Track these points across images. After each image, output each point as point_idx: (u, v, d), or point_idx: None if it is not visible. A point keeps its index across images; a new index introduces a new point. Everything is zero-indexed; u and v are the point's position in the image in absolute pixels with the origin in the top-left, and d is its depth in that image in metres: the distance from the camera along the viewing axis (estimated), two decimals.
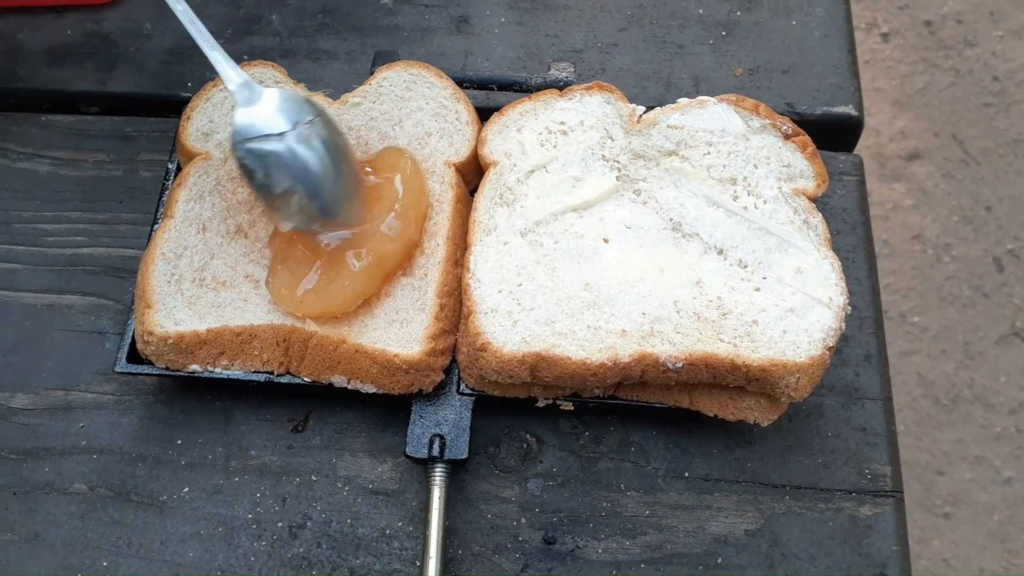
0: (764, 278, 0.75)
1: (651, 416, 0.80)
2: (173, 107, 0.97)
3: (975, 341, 2.04)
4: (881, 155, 2.28)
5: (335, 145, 0.75)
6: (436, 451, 0.74)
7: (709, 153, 0.80)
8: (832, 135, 0.94)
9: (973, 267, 2.12)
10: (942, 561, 1.86)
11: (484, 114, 0.86)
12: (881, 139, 2.31)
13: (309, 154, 0.73)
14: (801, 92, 0.95)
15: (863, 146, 2.27)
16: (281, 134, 0.73)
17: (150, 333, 0.75)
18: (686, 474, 0.79)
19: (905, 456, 1.93)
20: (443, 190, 0.82)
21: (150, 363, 0.77)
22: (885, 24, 2.47)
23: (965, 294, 2.10)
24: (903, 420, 1.96)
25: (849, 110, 0.94)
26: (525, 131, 0.82)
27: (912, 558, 1.85)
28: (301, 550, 0.76)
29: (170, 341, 0.74)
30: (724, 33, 1.00)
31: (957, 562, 1.85)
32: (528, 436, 0.80)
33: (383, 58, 0.89)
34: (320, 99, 0.86)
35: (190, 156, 0.84)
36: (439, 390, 0.77)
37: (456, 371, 0.78)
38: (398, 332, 0.76)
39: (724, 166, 0.80)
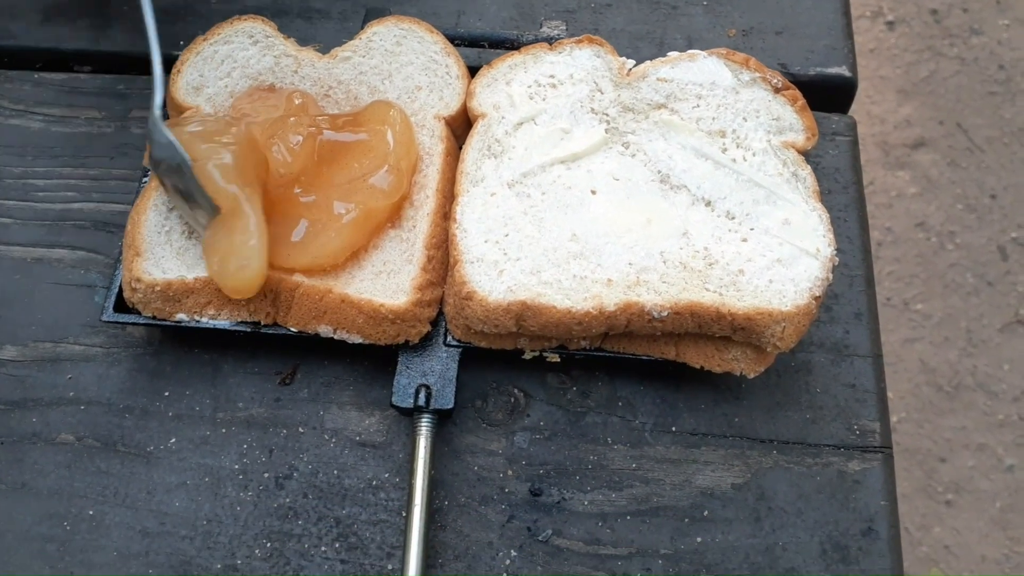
0: (751, 229, 0.74)
1: (639, 371, 0.80)
2: (166, 65, 0.96)
3: (978, 329, 2.04)
4: (885, 143, 2.28)
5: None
6: (422, 401, 0.74)
7: (698, 106, 0.80)
8: (826, 96, 0.93)
9: (977, 255, 2.12)
10: (943, 548, 1.85)
11: (475, 72, 0.85)
12: (886, 127, 2.30)
13: None
14: (794, 53, 0.95)
15: (867, 134, 2.26)
16: None
17: (138, 280, 0.74)
18: (673, 428, 0.78)
19: (907, 443, 1.92)
20: (433, 143, 0.81)
21: (137, 313, 0.77)
22: (891, 12, 2.46)
23: (969, 282, 2.09)
24: (905, 407, 1.96)
25: (842, 71, 0.93)
26: (514, 84, 0.82)
27: (913, 545, 1.85)
28: (287, 500, 0.76)
29: (157, 288, 0.74)
30: None
31: (958, 549, 1.84)
32: (516, 390, 0.80)
33: (374, 15, 0.89)
34: (309, 54, 0.86)
35: (181, 110, 0.84)
36: (426, 342, 0.77)
37: (443, 324, 0.78)
38: (385, 283, 0.76)
39: (713, 119, 0.79)
